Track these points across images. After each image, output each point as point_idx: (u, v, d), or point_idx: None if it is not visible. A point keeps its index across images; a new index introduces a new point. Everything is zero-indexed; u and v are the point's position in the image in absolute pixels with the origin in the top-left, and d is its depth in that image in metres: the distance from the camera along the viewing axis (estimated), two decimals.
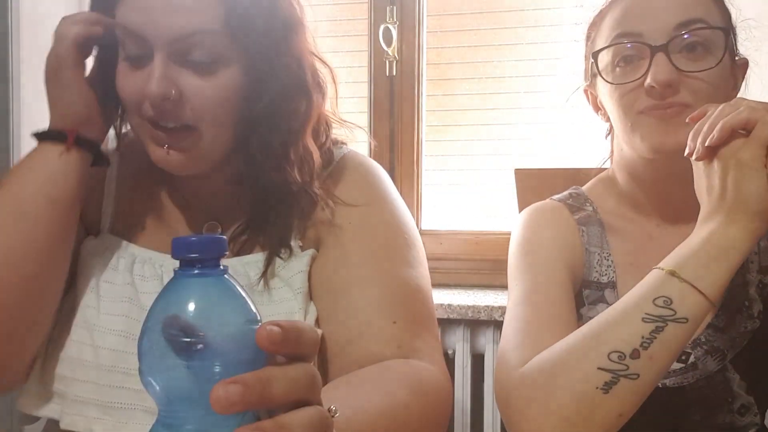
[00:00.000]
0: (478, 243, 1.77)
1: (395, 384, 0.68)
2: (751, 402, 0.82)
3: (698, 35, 0.80)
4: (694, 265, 0.68)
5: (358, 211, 0.82)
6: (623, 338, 0.68)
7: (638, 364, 0.67)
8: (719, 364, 0.82)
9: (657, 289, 0.68)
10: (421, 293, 0.81)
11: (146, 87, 0.72)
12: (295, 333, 0.40)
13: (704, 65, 0.80)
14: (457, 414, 1.58)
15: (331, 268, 0.81)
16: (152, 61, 0.72)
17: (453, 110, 1.83)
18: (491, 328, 1.57)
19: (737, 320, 0.83)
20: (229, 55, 0.74)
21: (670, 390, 0.83)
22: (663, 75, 0.79)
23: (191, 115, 0.74)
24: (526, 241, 0.89)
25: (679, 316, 0.67)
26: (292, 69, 0.78)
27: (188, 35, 0.72)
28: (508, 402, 0.73)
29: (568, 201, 0.93)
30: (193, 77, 0.73)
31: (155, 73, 0.72)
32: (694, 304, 0.67)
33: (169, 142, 0.75)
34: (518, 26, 1.78)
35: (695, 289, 0.67)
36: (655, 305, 0.68)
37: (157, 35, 0.72)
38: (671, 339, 0.67)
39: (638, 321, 0.68)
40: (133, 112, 0.76)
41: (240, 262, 0.81)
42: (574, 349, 0.70)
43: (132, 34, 0.73)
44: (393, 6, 1.79)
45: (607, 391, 0.67)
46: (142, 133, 0.77)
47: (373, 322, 0.76)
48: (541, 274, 0.84)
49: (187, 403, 0.40)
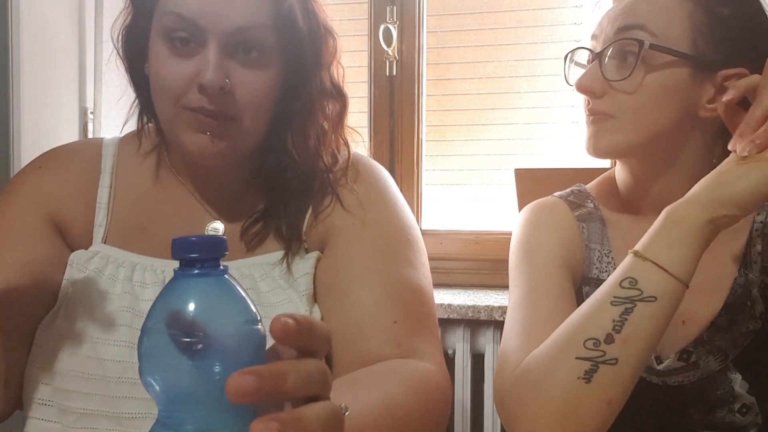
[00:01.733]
0: (478, 243, 1.77)
1: (396, 384, 0.68)
2: (753, 402, 0.82)
3: (625, 45, 0.81)
4: (655, 243, 0.69)
5: (361, 212, 0.83)
6: (596, 324, 0.68)
7: (614, 349, 0.67)
8: (721, 364, 0.82)
9: (624, 272, 0.69)
10: (422, 293, 0.81)
11: (202, 75, 0.72)
12: (308, 326, 0.40)
13: (623, 75, 0.80)
14: (457, 414, 1.58)
15: (334, 269, 0.81)
16: (204, 49, 0.73)
17: (453, 110, 1.84)
18: (491, 328, 1.57)
19: (739, 320, 0.83)
20: (275, 52, 0.77)
21: (671, 388, 0.83)
22: (582, 80, 0.83)
23: (236, 107, 0.75)
24: (525, 240, 0.89)
25: (646, 295, 0.67)
26: (329, 72, 0.83)
27: (246, 28, 0.74)
28: (503, 403, 0.73)
29: (569, 198, 0.93)
30: (242, 70, 0.75)
31: (211, 64, 0.73)
32: (659, 281, 0.67)
33: (213, 130, 0.75)
34: (518, 26, 1.78)
35: (658, 267, 0.68)
36: (622, 287, 0.68)
37: (215, 25, 0.73)
38: (642, 319, 0.67)
39: (608, 305, 0.68)
40: (170, 100, 0.75)
41: (246, 263, 0.82)
42: (554, 343, 0.71)
43: (186, 22, 0.73)
44: (393, 6, 1.79)
45: (589, 380, 0.67)
46: (178, 122, 0.76)
47: (374, 321, 0.76)
48: (541, 273, 0.84)
49: (188, 402, 0.40)
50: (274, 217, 0.83)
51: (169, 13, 0.74)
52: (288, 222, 0.83)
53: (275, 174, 0.83)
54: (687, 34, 0.80)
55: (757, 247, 0.85)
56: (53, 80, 1.61)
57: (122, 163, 0.87)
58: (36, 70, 1.53)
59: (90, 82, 1.68)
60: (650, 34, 0.80)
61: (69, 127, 1.65)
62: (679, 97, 0.81)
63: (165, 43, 0.75)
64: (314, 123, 0.83)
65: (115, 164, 0.87)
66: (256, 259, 0.82)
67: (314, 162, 0.82)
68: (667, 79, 0.80)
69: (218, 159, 0.77)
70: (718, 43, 0.80)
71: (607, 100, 0.82)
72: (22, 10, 1.47)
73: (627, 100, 0.81)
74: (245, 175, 0.84)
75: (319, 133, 0.83)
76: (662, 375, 0.83)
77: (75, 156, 0.88)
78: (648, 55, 0.79)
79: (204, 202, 0.86)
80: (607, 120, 0.82)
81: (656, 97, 0.80)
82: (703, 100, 0.81)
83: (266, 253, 0.83)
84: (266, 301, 0.79)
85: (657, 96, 0.80)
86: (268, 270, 0.81)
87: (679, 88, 0.81)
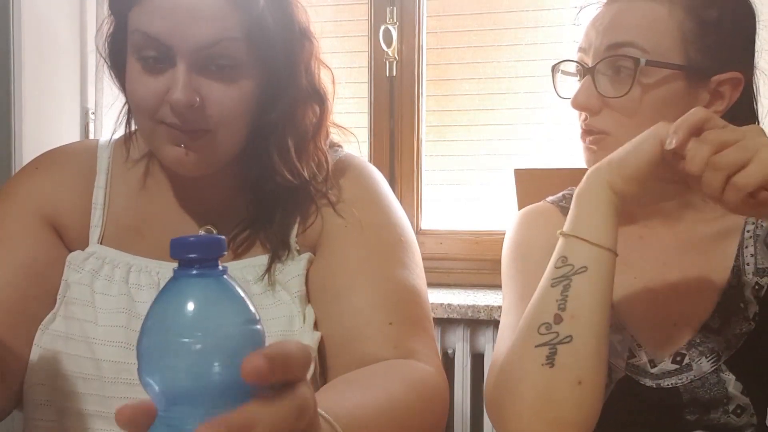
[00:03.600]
0: (478, 243, 1.78)
1: (395, 382, 0.68)
2: (747, 403, 0.82)
3: (618, 61, 0.80)
4: (573, 220, 0.74)
5: (353, 213, 0.83)
6: (543, 309, 0.71)
7: (565, 327, 0.69)
8: (713, 366, 0.82)
9: (556, 254, 0.73)
10: (416, 295, 0.81)
11: (170, 94, 0.72)
12: (281, 360, 0.39)
13: (619, 92, 0.80)
14: (456, 414, 1.58)
15: (327, 271, 0.81)
16: (173, 67, 0.73)
17: (453, 110, 1.84)
18: (491, 328, 1.57)
19: (732, 322, 0.83)
20: (247, 63, 0.75)
21: (665, 391, 0.83)
22: (578, 98, 0.83)
23: (210, 120, 0.74)
24: (517, 245, 0.90)
25: (578, 268, 0.71)
26: (306, 76, 0.81)
27: (212, 43, 0.72)
28: (488, 410, 0.75)
29: (561, 203, 0.93)
30: (214, 84, 0.74)
31: (180, 82, 0.72)
32: (584, 251, 0.71)
33: (187, 143, 0.75)
34: (518, 27, 1.78)
35: (579, 239, 0.72)
36: (557, 268, 0.72)
37: (181, 43, 0.71)
38: (582, 291, 0.70)
39: (549, 289, 0.72)
40: (145, 116, 0.76)
41: (238, 265, 0.82)
42: (516, 339, 0.73)
43: (153, 41, 0.72)
44: (393, 7, 1.79)
45: (553, 364, 0.69)
46: (155, 135, 0.76)
47: (370, 323, 0.76)
48: (532, 278, 0.84)
49: (187, 403, 0.40)
50: (260, 226, 0.83)
51: (135, 31, 0.73)
52: (274, 232, 0.82)
53: (259, 183, 0.82)
54: (678, 44, 0.80)
55: (749, 248, 0.86)
56: (54, 81, 1.61)
57: (116, 165, 0.87)
58: (37, 70, 1.53)
59: (91, 83, 1.68)
60: (641, 51, 0.79)
61: (70, 127, 1.66)
62: (677, 107, 0.80)
63: (137, 61, 0.74)
64: (295, 130, 0.81)
65: (110, 165, 0.87)
66: (248, 261, 0.82)
67: (298, 170, 0.81)
68: (664, 92, 0.80)
69: (195, 170, 0.77)
70: (710, 49, 0.80)
71: (605, 116, 0.82)
72: (24, 11, 1.48)
73: (625, 117, 0.81)
74: (231, 182, 0.84)
75: (302, 140, 0.81)
76: (656, 378, 0.83)
77: (71, 157, 0.88)
78: (643, 71, 0.79)
79: (192, 209, 0.86)
80: (605, 138, 0.82)
81: (655, 111, 0.80)
82: None
83: (257, 256, 0.83)
84: (259, 303, 0.79)
85: (656, 110, 0.80)
86: (259, 272, 0.81)
87: (676, 99, 0.81)
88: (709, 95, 0.81)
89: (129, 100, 0.78)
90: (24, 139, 1.49)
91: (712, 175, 0.64)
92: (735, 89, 0.82)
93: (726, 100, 0.82)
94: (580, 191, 0.74)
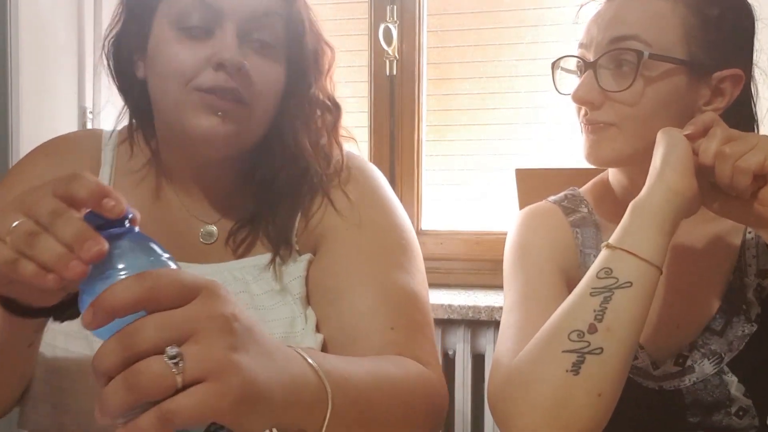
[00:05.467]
0: (478, 243, 1.77)
1: (386, 362, 0.70)
2: (750, 405, 0.82)
3: (621, 54, 0.80)
4: (624, 232, 0.72)
5: (354, 214, 0.82)
6: (578, 317, 0.70)
7: (598, 338, 0.68)
8: (716, 368, 0.82)
9: (599, 264, 0.72)
10: (417, 299, 0.80)
11: (220, 54, 0.72)
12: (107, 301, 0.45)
13: (622, 85, 0.80)
14: (457, 414, 1.58)
15: (327, 273, 0.80)
16: (219, 32, 0.74)
17: (453, 110, 1.83)
18: (491, 328, 1.57)
19: (735, 324, 0.83)
20: (283, 46, 0.78)
21: (668, 393, 0.83)
22: (579, 92, 0.83)
23: (251, 91, 0.75)
24: (519, 245, 0.89)
25: (622, 282, 0.69)
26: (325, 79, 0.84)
27: (264, 13, 0.75)
28: (495, 404, 0.73)
29: (563, 203, 0.93)
30: (256, 57, 0.75)
31: (231, 44, 0.73)
32: (632, 267, 0.70)
33: (225, 111, 0.74)
34: (519, 26, 1.78)
35: (628, 253, 0.71)
36: (599, 278, 0.71)
37: (233, 9, 0.73)
38: (622, 306, 0.69)
39: (587, 297, 0.70)
40: (180, 82, 0.74)
41: (237, 265, 0.81)
42: (540, 340, 0.72)
43: (204, 5, 0.73)
44: (393, 5, 1.78)
45: (578, 372, 0.68)
46: (187, 105, 0.74)
47: (370, 328, 0.76)
48: (535, 277, 0.84)
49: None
50: (262, 221, 0.83)
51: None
52: (276, 226, 0.82)
53: (267, 175, 0.82)
54: (681, 39, 0.80)
55: (751, 250, 0.85)
56: (52, 80, 1.61)
57: (120, 159, 0.87)
58: (35, 69, 1.53)
59: (89, 82, 1.68)
60: (645, 44, 0.79)
61: (68, 126, 1.66)
62: (678, 102, 0.81)
63: (176, 29, 0.74)
64: (310, 125, 0.83)
65: (114, 158, 0.87)
66: (248, 261, 0.82)
67: (307, 164, 0.82)
68: (666, 86, 0.80)
69: (224, 146, 0.76)
70: (711, 46, 0.80)
71: (607, 109, 0.81)
72: (22, 10, 1.47)
73: (628, 109, 0.80)
74: (235, 178, 0.84)
75: (315, 136, 0.83)
76: (658, 380, 0.83)
77: (78, 146, 0.88)
78: (646, 64, 0.79)
79: (194, 208, 0.85)
80: (608, 129, 0.81)
81: (657, 105, 0.80)
82: (699, 103, 0.81)
83: (257, 255, 0.82)
84: (260, 303, 0.79)
85: (658, 104, 0.80)
86: (259, 272, 0.81)
87: (677, 94, 0.81)
88: (710, 91, 0.81)
89: (160, 70, 0.76)
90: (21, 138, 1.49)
91: (722, 164, 0.70)
92: (736, 86, 0.82)
93: (727, 97, 0.82)
94: (639, 201, 0.73)
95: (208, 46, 0.74)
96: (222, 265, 0.81)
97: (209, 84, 0.73)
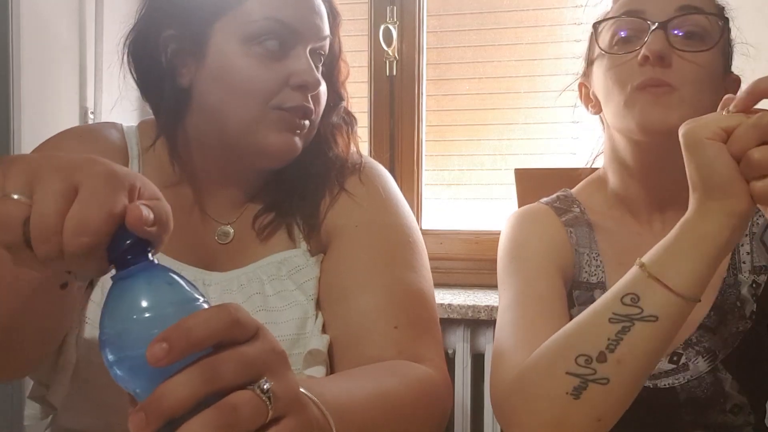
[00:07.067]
0: (478, 243, 1.77)
1: (387, 376, 0.69)
2: (744, 402, 0.82)
3: (696, 22, 0.81)
4: (663, 259, 0.64)
5: (363, 214, 0.83)
6: (590, 341, 0.65)
7: (606, 368, 0.64)
8: (710, 365, 0.82)
9: (627, 286, 0.65)
10: (423, 298, 0.81)
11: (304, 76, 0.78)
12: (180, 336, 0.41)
13: (698, 47, 0.81)
14: (457, 414, 1.58)
15: (335, 271, 0.81)
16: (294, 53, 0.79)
17: (453, 110, 1.84)
18: (491, 328, 1.57)
19: (729, 321, 0.83)
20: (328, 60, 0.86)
21: (662, 390, 0.83)
22: (656, 45, 0.79)
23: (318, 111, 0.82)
24: (513, 244, 0.89)
25: (647, 314, 0.63)
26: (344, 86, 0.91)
27: (326, 36, 0.83)
28: (500, 410, 0.73)
29: (555, 204, 0.93)
30: None
31: (307, 64, 0.79)
32: (662, 300, 0.63)
33: (302, 130, 0.80)
34: (518, 26, 1.78)
35: (662, 285, 0.62)
36: (623, 304, 0.64)
37: (307, 30, 0.80)
38: (640, 340, 0.63)
39: (605, 322, 0.64)
40: (259, 101, 0.78)
41: (252, 266, 0.82)
42: (546, 354, 0.69)
43: (281, 25, 0.77)
44: (393, 6, 1.79)
45: (578, 397, 0.65)
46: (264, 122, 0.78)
47: (375, 327, 0.76)
48: (531, 275, 0.84)
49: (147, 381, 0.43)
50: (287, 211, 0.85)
51: (262, 19, 0.77)
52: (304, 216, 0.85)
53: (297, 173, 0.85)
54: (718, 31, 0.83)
55: (745, 246, 0.85)
56: (53, 80, 1.61)
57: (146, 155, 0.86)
58: (36, 70, 1.53)
59: (90, 83, 1.68)
60: None
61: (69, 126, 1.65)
62: (716, 85, 0.82)
63: (248, 45, 0.77)
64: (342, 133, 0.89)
65: (140, 152, 0.86)
66: (264, 261, 0.82)
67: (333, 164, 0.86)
68: (716, 67, 0.82)
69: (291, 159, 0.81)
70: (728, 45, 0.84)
71: (675, 70, 0.80)
72: (23, 10, 1.47)
73: (694, 72, 0.80)
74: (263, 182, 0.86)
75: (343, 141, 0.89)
76: (652, 378, 0.83)
77: (107, 136, 0.86)
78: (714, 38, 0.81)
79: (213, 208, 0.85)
80: (671, 93, 0.79)
81: (715, 77, 0.82)
82: None
83: (274, 254, 0.83)
84: (271, 305, 0.79)
85: (712, 77, 0.81)
86: (275, 271, 0.81)
87: (717, 81, 0.83)
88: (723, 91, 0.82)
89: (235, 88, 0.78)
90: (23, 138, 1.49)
91: None
92: (735, 90, 0.82)
93: None
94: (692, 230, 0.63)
95: (285, 65, 0.78)
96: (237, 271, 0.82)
97: (290, 104, 0.78)
